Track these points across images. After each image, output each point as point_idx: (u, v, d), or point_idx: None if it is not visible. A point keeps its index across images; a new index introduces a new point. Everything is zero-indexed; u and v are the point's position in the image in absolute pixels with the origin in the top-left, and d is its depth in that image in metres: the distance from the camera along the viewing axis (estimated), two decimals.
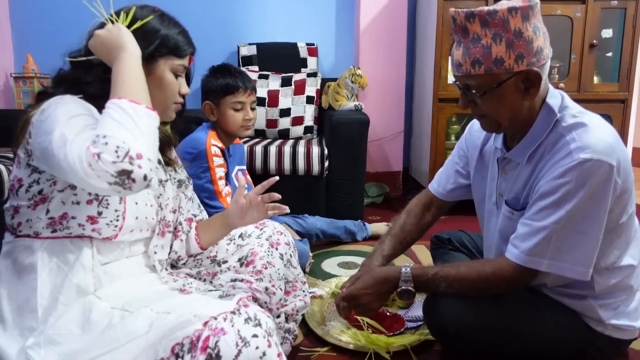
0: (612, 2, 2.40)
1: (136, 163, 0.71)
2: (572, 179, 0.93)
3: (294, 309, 1.23)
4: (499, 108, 1.00)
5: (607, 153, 0.93)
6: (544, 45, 0.97)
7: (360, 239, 2.10)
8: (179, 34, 0.95)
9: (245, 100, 1.68)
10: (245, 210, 1.06)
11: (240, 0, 3.01)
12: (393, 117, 3.02)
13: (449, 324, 1.05)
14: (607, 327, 1.06)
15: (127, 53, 0.82)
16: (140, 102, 0.77)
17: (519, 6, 0.93)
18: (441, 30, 2.44)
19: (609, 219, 0.98)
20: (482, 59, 0.95)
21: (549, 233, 0.95)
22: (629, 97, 2.46)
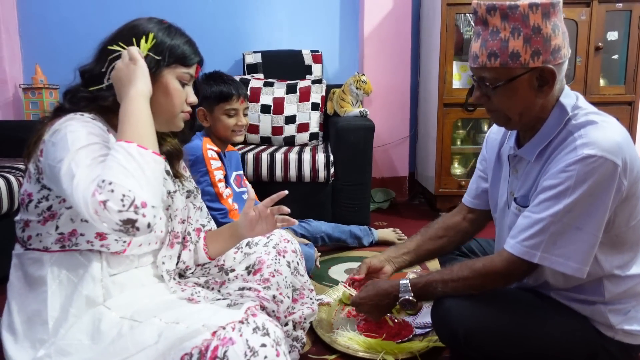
0: (617, 4, 2.39)
1: (141, 212, 0.72)
2: (574, 174, 0.92)
3: (301, 317, 1.23)
4: (510, 102, 1.00)
5: (613, 151, 0.92)
6: (562, 44, 0.96)
7: (367, 244, 2.10)
8: (185, 43, 0.96)
9: (239, 107, 1.71)
10: (254, 222, 1.07)
11: (245, 9, 3.04)
12: (398, 123, 3.03)
13: (458, 329, 1.04)
14: (617, 332, 1.05)
15: (136, 91, 0.83)
16: (148, 147, 0.77)
17: (540, 3, 0.94)
18: (445, 35, 2.44)
19: (616, 223, 0.98)
20: (498, 52, 0.96)
21: (546, 225, 0.95)
22: (636, 100, 2.45)
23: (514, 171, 1.12)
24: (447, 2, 2.40)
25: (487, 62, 0.98)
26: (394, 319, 1.35)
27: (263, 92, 2.68)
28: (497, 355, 1.07)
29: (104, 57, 0.91)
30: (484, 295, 1.07)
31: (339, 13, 3.07)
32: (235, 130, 1.72)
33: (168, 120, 0.96)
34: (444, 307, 1.09)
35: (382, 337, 1.23)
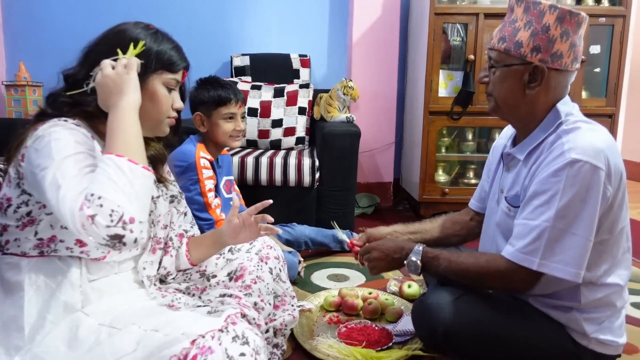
0: (600, 19, 2.45)
1: (128, 227, 0.71)
2: (563, 178, 0.96)
3: (282, 324, 1.23)
4: (499, 87, 1.07)
5: (597, 157, 0.96)
6: (567, 54, 1.01)
7: (349, 249, 2.11)
8: (172, 49, 0.95)
9: (237, 112, 1.70)
10: (238, 229, 1.07)
11: (233, 11, 3.03)
12: (384, 129, 3.05)
13: (437, 327, 1.06)
14: (591, 340, 1.07)
15: (127, 102, 0.82)
16: (138, 162, 0.77)
17: (560, 7, 1.00)
18: (432, 44, 2.47)
19: (600, 230, 1.00)
20: (507, 38, 1.04)
21: (541, 231, 0.97)
22: (616, 112, 2.51)
23: (506, 168, 1.17)
24: (434, 11, 2.43)
25: (496, 44, 1.06)
26: (375, 326, 1.36)
27: (250, 95, 2.67)
28: (474, 354, 1.10)
29: (88, 61, 0.90)
30: (465, 296, 1.10)
31: (328, 18, 3.08)
32: (233, 135, 1.70)
33: (154, 126, 0.96)
34: (425, 305, 1.12)
35: (362, 344, 1.24)
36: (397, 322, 1.40)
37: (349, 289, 1.58)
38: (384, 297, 1.56)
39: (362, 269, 1.91)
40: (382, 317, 1.47)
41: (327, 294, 1.57)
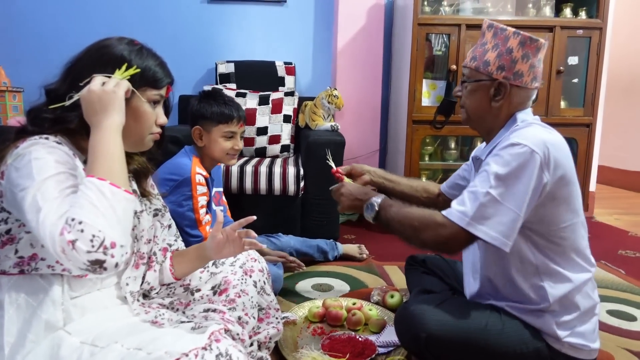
0: (578, 31, 2.51)
1: (109, 252, 0.71)
2: (502, 156, 1.08)
3: (266, 337, 1.23)
4: (470, 100, 1.22)
5: (537, 145, 1.06)
6: (527, 73, 1.15)
7: (332, 259, 2.12)
8: (157, 65, 0.95)
9: (237, 131, 1.67)
10: (221, 245, 1.08)
11: (218, 18, 3.03)
12: (369, 136, 3.07)
13: (420, 333, 1.10)
14: (563, 344, 1.12)
15: (111, 122, 0.81)
16: (120, 185, 0.76)
17: (522, 34, 1.15)
18: (416, 54, 2.50)
19: (546, 221, 1.10)
20: (478, 57, 1.19)
21: (476, 197, 1.07)
22: (594, 122, 2.57)
23: (476, 170, 1.28)
24: (418, 21, 2.47)
25: (468, 62, 1.22)
26: (359, 337, 1.37)
27: None
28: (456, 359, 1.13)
29: (70, 76, 0.89)
30: (446, 303, 1.16)
31: (313, 26, 3.10)
32: (230, 154, 1.68)
33: (136, 142, 0.95)
34: (408, 312, 1.16)
35: (345, 356, 1.25)
36: (380, 332, 1.42)
37: (333, 300, 1.59)
38: (368, 307, 1.57)
39: (345, 278, 1.93)
40: (366, 328, 1.48)
41: (312, 305, 1.58)
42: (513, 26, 2.53)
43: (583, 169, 2.60)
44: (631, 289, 1.90)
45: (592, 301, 1.16)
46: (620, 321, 1.62)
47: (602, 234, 2.74)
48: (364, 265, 2.11)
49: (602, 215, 3.18)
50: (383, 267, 2.08)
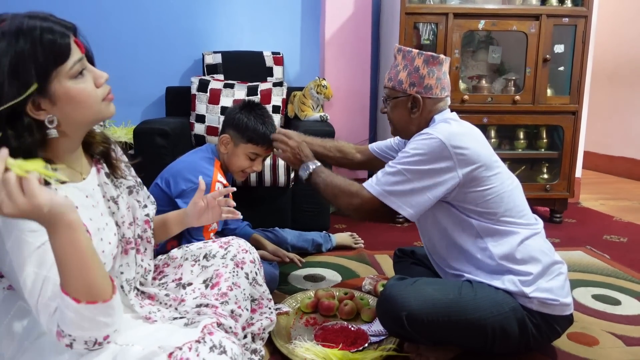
0: (564, 19, 2.53)
1: (105, 342, 0.78)
2: (415, 144, 1.25)
3: (260, 329, 1.25)
4: (394, 114, 1.39)
5: (446, 137, 1.21)
6: (435, 86, 1.32)
7: (325, 250, 2.13)
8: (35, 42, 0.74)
9: (262, 154, 1.65)
10: (202, 211, 1.15)
11: (204, 8, 2.99)
12: (358, 126, 3.08)
13: (400, 313, 1.15)
14: (533, 301, 1.19)
15: (69, 229, 0.68)
16: (97, 299, 0.73)
17: (424, 53, 1.32)
18: (404, 42, 2.50)
19: (470, 196, 1.24)
20: (393, 78, 1.36)
21: (388, 175, 1.26)
22: (579, 109, 2.60)
23: None
24: (405, 10, 2.46)
25: (387, 83, 1.38)
26: (351, 327, 1.39)
27: (223, 94, 2.65)
28: (440, 333, 1.18)
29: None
30: (419, 280, 1.23)
31: (300, 15, 3.08)
32: (244, 172, 1.66)
33: (94, 119, 0.85)
34: (385, 295, 1.21)
35: (338, 346, 1.27)
36: (372, 322, 1.44)
37: (325, 290, 1.60)
38: (359, 296, 1.59)
39: (337, 268, 1.94)
40: (358, 317, 1.50)
41: (304, 296, 1.59)
42: (500, 15, 2.54)
43: (569, 155, 2.63)
44: (616, 274, 1.94)
45: (548, 257, 1.24)
46: (605, 305, 1.66)
47: (587, 219, 2.79)
48: (355, 254, 2.12)
49: (587, 200, 3.23)
50: (374, 256, 2.10)
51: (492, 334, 1.17)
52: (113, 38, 2.91)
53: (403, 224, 2.61)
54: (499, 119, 2.59)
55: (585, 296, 1.73)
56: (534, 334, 1.20)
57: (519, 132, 2.71)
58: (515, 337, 1.19)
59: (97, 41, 0.92)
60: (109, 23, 2.89)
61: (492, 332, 1.17)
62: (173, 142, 2.22)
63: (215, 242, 1.23)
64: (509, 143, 2.75)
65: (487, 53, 2.76)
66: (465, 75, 2.75)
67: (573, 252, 2.15)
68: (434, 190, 1.22)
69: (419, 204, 1.23)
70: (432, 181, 1.22)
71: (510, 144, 2.74)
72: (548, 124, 2.66)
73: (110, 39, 2.90)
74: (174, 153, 2.19)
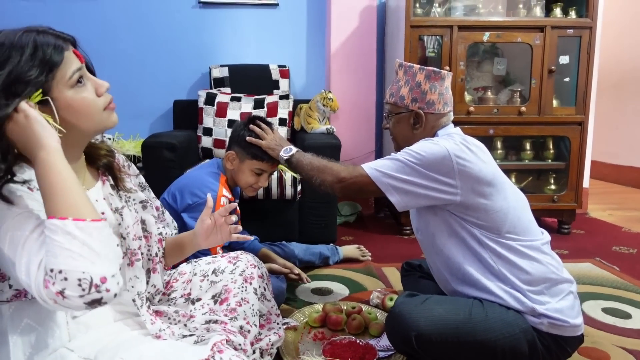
0: (569, 30, 2.53)
1: (103, 288, 0.68)
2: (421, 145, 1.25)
3: (268, 344, 1.24)
4: (395, 130, 1.38)
5: (452, 148, 1.21)
6: (437, 101, 1.32)
7: (332, 263, 2.13)
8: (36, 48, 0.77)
9: (268, 170, 1.67)
10: (210, 230, 1.12)
11: (211, 22, 3.03)
12: (364, 138, 3.09)
13: (409, 333, 1.13)
14: (543, 322, 1.17)
15: (44, 152, 0.72)
16: (85, 217, 0.70)
17: (426, 68, 1.31)
18: (409, 55, 2.51)
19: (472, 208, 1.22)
20: (394, 93, 1.36)
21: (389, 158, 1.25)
22: (586, 120, 2.60)
23: None
24: (410, 23, 2.48)
25: (388, 99, 1.38)
26: (359, 342, 1.38)
27: (230, 107, 2.68)
28: (449, 354, 1.16)
29: None
30: (429, 299, 1.20)
31: (306, 28, 3.11)
32: (253, 187, 1.68)
33: (95, 129, 0.87)
34: (395, 314, 1.19)
35: None
36: (380, 336, 1.43)
37: (332, 304, 1.60)
38: (367, 310, 1.59)
39: (344, 282, 1.94)
40: (366, 332, 1.49)
41: (312, 310, 1.59)
42: (504, 27, 2.54)
43: (576, 166, 2.62)
44: (626, 286, 1.92)
45: (555, 275, 1.22)
46: (615, 319, 1.64)
47: (595, 230, 2.77)
48: (363, 267, 2.12)
49: (595, 211, 3.21)
50: (381, 269, 2.10)
51: (501, 355, 1.15)
52: (121, 52, 2.95)
53: (410, 235, 2.61)
54: (505, 130, 2.59)
55: (595, 310, 1.71)
56: (544, 355, 1.18)
57: (526, 143, 2.71)
58: (525, 358, 1.17)
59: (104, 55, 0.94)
60: (117, 37, 2.93)
61: (502, 354, 1.15)
62: (181, 156, 2.24)
63: (224, 257, 1.24)
64: (516, 154, 2.74)
65: (492, 64, 2.77)
66: (470, 87, 2.76)
67: (582, 264, 2.14)
68: (429, 192, 1.21)
69: (410, 196, 1.22)
70: (430, 184, 1.21)
71: (517, 155, 2.74)
72: (554, 135, 2.65)
73: (118, 53, 2.94)
74: (181, 166, 2.21)
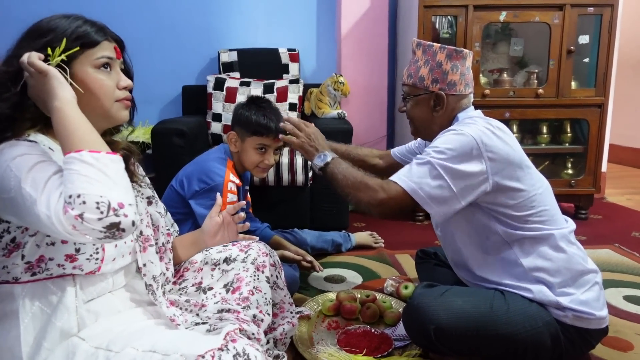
0: (589, 8, 2.44)
1: (121, 213, 0.70)
2: (445, 139, 1.17)
3: (282, 334, 1.22)
4: (414, 113, 1.31)
5: (478, 135, 1.14)
6: (459, 82, 1.25)
7: (345, 250, 2.10)
8: (85, 23, 0.87)
9: (271, 144, 1.63)
10: (218, 227, 1.14)
11: (219, 6, 2.97)
12: (376, 122, 3.03)
13: (428, 326, 1.10)
14: (567, 314, 1.13)
15: (59, 102, 0.77)
16: (100, 150, 0.73)
17: (447, 47, 1.24)
18: (422, 36, 2.44)
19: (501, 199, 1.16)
20: (413, 74, 1.28)
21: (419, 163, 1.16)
22: (605, 102, 2.51)
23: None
24: (424, 4, 2.40)
25: (406, 80, 1.31)
26: (375, 331, 1.36)
27: (239, 92, 2.63)
28: (468, 347, 1.13)
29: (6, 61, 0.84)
30: (449, 291, 1.17)
31: (316, 11, 3.04)
32: (260, 167, 1.65)
33: (103, 115, 0.90)
34: (413, 306, 1.16)
35: (362, 352, 1.24)
36: (396, 325, 1.40)
37: (346, 292, 1.57)
38: (382, 299, 1.56)
39: (357, 269, 1.91)
40: (381, 321, 1.47)
41: (325, 298, 1.57)
42: (522, 6, 2.46)
43: (595, 150, 2.55)
44: None
45: (581, 265, 1.18)
46: (637, 307, 1.59)
47: (614, 215, 2.71)
48: (376, 254, 2.09)
49: (613, 195, 3.14)
50: (395, 256, 2.07)
51: (523, 349, 1.12)
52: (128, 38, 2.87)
53: (423, 222, 2.56)
54: (521, 113, 2.51)
55: (616, 297, 1.66)
56: (567, 348, 1.15)
57: (542, 127, 2.64)
58: (547, 351, 1.13)
59: None
60: (124, 23, 2.88)
61: (523, 347, 1.12)
62: (190, 142, 2.21)
63: (235, 246, 1.21)
64: (532, 138, 2.67)
65: (507, 45, 2.69)
66: (485, 69, 2.68)
67: (601, 250, 2.08)
68: (466, 194, 1.14)
69: (448, 204, 1.14)
70: (464, 183, 1.13)
71: (533, 138, 2.67)
72: (572, 118, 2.57)
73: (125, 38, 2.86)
74: (191, 152, 2.18)
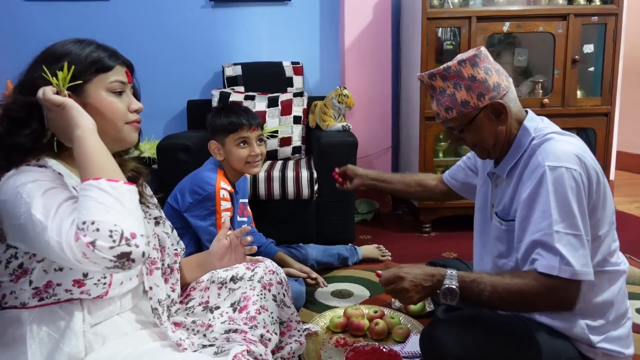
0: (593, 18, 2.43)
1: (133, 243, 0.70)
2: (546, 187, 1.02)
3: (290, 353, 1.21)
4: (480, 137, 1.15)
5: (569, 161, 1.03)
6: (500, 79, 1.12)
7: (351, 264, 2.09)
8: (97, 48, 0.89)
9: (250, 135, 1.63)
10: (225, 250, 1.13)
11: (223, 21, 2.99)
12: (380, 134, 3.03)
13: (447, 357, 1.04)
14: (597, 352, 1.07)
15: (81, 130, 0.78)
16: (118, 179, 0.74)
17: (466, 57, 1.11)
18: (426, 48, 2.45)
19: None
20: (451, 105, 1.13)
21: (549, 242, 1.00)
22: (612, 111, 2.50)
23: (494, 185, 1.24)
24: (427, 16, 2.40)
25: (446, 115, 1.14)
26: (383, 348, 1.34)
27: None
28: None
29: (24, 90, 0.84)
30: (471, 324, 1.09)
31: (319, 24, 3.05)
32: (249, 162, 1.65)
33: (114, 138, 0.90)
34: (432, 337, 1.10)
35: None
36: (405, 342, 1.39)
37: (354, 308, 1.56)
38: (390, 315, 1.54)
39: (364, 283, 1.89)
40: (389, 337, 1.45)
41: (333, 315, 1.55)
42: (525, 16, 2.45)
43: (602, 158, 2.53)
44: None
45: (624, 303, 1.12)
46: None
47: (623, 224, 2.67)
48: (382, 267, 2.07)
49: (622, 204, 3.10)
50: None
51: None
52: (133, 53, 2.90)
53: (430, 233, 2.55)
54: None
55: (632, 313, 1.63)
56: None
57: None
58: None
59: None
60: (129, 38, 2.92)
61: None
62: (195, 157, 2.21)
63: (241, 264, 1.21)
64: None
65: (511, 55, 2.68)
66: None
67: None
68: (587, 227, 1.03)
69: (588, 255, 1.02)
70: (585, 221, 1.02)
71: None
72: (579, 127, 2.55)
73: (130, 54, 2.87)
74: (196, 167, 2.18)
